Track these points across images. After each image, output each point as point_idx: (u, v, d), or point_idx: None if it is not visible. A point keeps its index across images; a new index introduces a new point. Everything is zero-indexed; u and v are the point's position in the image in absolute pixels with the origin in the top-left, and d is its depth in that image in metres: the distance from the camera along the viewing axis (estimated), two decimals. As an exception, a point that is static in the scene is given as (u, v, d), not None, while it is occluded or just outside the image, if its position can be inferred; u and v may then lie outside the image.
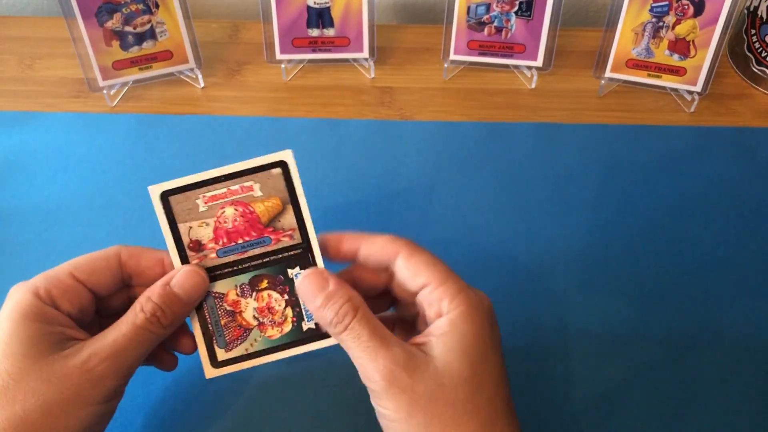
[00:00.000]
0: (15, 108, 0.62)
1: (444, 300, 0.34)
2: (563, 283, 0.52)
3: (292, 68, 0.66)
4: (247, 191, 0.36)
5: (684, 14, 0.60)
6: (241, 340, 0.37)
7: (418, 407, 0.32)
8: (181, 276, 0.36)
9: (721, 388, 0.47)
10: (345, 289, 0.35)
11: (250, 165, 0.36)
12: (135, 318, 0.34)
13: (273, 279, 0.37)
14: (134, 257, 0.37)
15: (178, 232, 0.36)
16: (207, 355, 0.37)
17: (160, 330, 0.35)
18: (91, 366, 0.32)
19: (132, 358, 0.34)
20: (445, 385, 0.32)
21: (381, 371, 0.32)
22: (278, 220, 0.37)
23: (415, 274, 0.36)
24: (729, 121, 0.63)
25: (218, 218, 0.36)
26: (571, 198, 0.57)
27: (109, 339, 0.33)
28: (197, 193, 0.36)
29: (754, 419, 0.46)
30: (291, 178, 0.36)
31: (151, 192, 0.36)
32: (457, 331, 0.34)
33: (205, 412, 0.45)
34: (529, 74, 0.66)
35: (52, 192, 0.56)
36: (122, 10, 0.59)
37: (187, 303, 0.36)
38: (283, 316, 0.38)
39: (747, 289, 0.52)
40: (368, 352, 0.33)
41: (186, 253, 0.36)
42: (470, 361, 0.33)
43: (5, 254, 0.52)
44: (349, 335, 0.34)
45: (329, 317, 0.34)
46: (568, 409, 0.46)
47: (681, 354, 0.48)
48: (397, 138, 0.61)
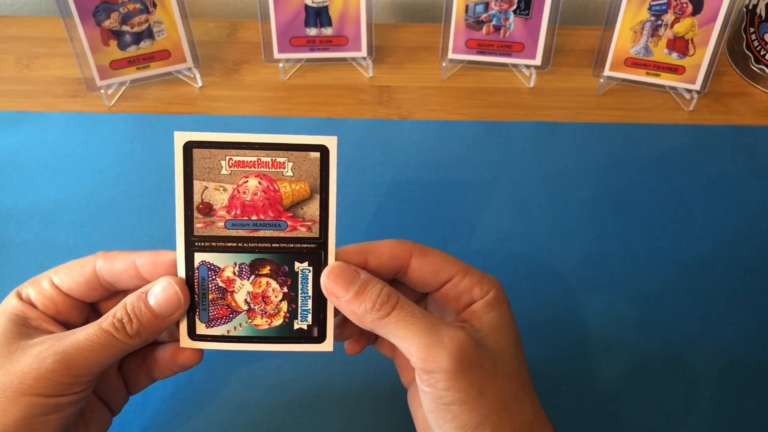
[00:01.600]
0: (12, 108, 0.62)
1: (475, 287, 0.35)
2: (562, 281, 0.52)
3: (290, 67, 0.66)
4: (277, 167, 0.34)
5: (683, 12, 0.60)
6: (225, 320, 0.35)
7: (488, 382, 0.32)
8: (158, 288, 0.34)
9: (721, 388, 0.47)
10: (377, 279, 0.34)
11: (290, 141, 0.33)
12: (103, 320, 0.34)
13: (277, 267, 0.35)
14: (108, 261, 0.36)
15: (192, 188, 0.34)
16: (186, 324, 0.35)
17: (125, 338, 0.33)
18: (42, 357, 0.32)
19: (87, 359, 0.33)
20: (501, 359, 0.33)
21: (448, 347, 0.31)
22: (301, 207, 0.34)
23: (436, 271, 0.36)
24: (728, 119, 0.63)
25: (238, 186, 0.34)
26: (569, 197, 0.57)
27: (71, 335, 0.33)
28: (224, 153, 0.33)
29: (754, 419, 0.45)
30: (328, 166, 0.34)
31: (176, 138, 0.33)
32: (495, 311, 0.35)
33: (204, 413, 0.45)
34: (528, 73, 0.66)
35: (49, 192, 0.56)
36: (119, 10, 0.59)
37: (158, 316, 0.34)
38: (277, 308, 0.35)
39: (747, 288, 0.52)
40: (427, 329, 0.32)
41: (192, 212, 0.34)
42: (512, 338, 0.35)
43: (3, 254, 0.52)
44: (401, 314, 0.32)
45: (368, 305, 0.33)
46: (568, 408, 0.46)
47: (681, 354, 0.48)
48: (396, 137, 0.61)
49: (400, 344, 0.33)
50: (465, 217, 0.55)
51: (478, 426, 0.31)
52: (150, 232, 0.54)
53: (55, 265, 0.51)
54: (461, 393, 0.31)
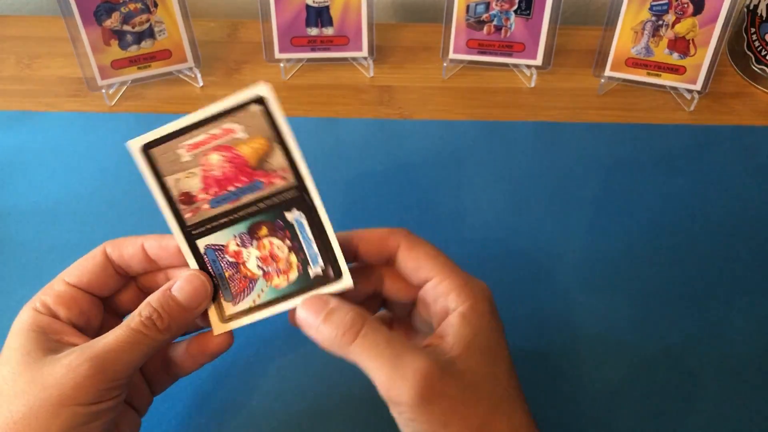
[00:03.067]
0: (13, 107, 0.62)
1: (450, 294, 0.33)
2: (563, 281, 0.52)
3: (291, 67, 0.66)
4: (229, 133, 0.34)
5: (684, 13, 0.60)
6: (247, 291, 0.36)
7: (454, 412, 0.31)
8: (182, 281, 0.35)
9: (721, 388, 0.47)
10: (348, 304, 0.34)
11: (227, 105, 0.34)
12: (131, 321, 0.33)
13: (272, 225, 0.35)
14: (117, 248, 0.36)
15: (166, 186, 0.34)
16: (215, 311, 0.36)
17: (156, 334, 0.33)
18: (76, 366, 0.31)
19: (121, 361, 0.32)
20: (471, 383, 0.31)
21: (410, 380, 0.30)
22: (267, 161, 0.34)
23: (416, 268, 0.35)
24: (729, 119, 0.63)
25: (204, 166, 0.34)
26: (570, 197, 0.57)
27: (100, 341, 0.33)
28: (178, 142, 0.34)
29: (754, 419, 0.45)
30: (272, 113, 0.34)
31: (130, 147, 0.33)
32: (470, 325, 0.33)
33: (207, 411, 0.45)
34: (529, 73, 0.66)
35: (50, 191, 0.56)
36: (121, 9, 0.59)
37: (187, 308, 0.34)
38: (288, 263, 0.36)
39: (747, 288, 0.52)
40: (390, 360, 0.31)
41: (177, 207, 0.35)
42: (486, 356, 0.32)
43: (4, 254, 0.52)
44: (363, 343, 0.31)
45: (333, 331, 0.32)
46: (568, 408, 0.46)
47: (681, 353, 0.48)
48: (397, 137, 0.61)
49: (367, 373, 0.32)
50: (466, 217, 0.55)
51: None
52: (151, 231, 0.53)
53: (55, 264, 0.51)
54: (425, 424, 0.31)
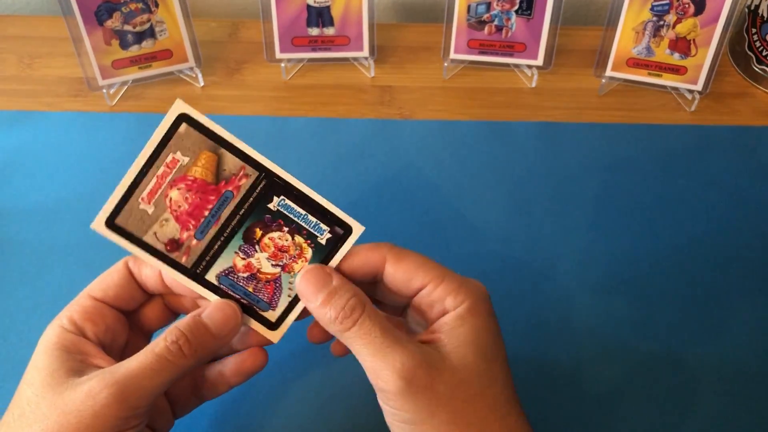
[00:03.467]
0: (14, 107, 0.62)
1: (447, 297, 0.33)
2: (564, 281, 0.52)
3: (292, 67, 0.66)
4: (173, 167, 0.34)
5: (685, 13, 0.60)
6: (278, 291, 0.36)
7: (440, 406, 0.31)
8: (212, 308, 0.34)
9: (721, 389, 0.47)
10: (350, 284, 0.34)
11: (156, 140, 0.34)
12: (155, 346, 0.32)
13: (262, 223, 0.35)
14: (136, 266, 0.36)
15: (149, 245, 0.35)
16: (261, 325, 0.36)
17: (181, 360, 0.32)
18: (96, 392, 0.30)
19: (144, 388, 0.31)
20: (463, 381, 0.32)
21: (399, 370, 0.31)
22: (223, 170, 0.34)
23: (408, 279, 0.34)
24: (730, 120, 0.63)
25: (171, 208, 0.34)
26: (571, 197, 0.57)
27: (122, 366, 0.32)
28: (134, 199, 0.34)
29: (754, 419, 0.45)
30: (201, 124, 0.34)
31: (96, 229, 0.34)
32: (466, 325, 0.33)
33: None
34: (530, 73, 0.66)
35: (51, 191, 0.56)
36: (121, 9, 0.59)
37: (216, 336, 0.34)
38: (297, 246, 0.36)
39: (748, 288, 0.52)
40: (381, 349, 0.31)
41: (170, 258, 0.35)
42: (483, 355, 0.33)
43: (5, 253, 0.52)
44: (359, 332, 0.32)
45: (332, 314, 0.32)
46: (568, 408, 0.46)
47: (681, 354, 0.48)
48: (397, 137, 0.61)
49: (358, 358, 0.32)
50: (466, 218, 0.55)
51: None
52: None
53: (55, 264, 0.51)
54: (410, 414, 0.31)
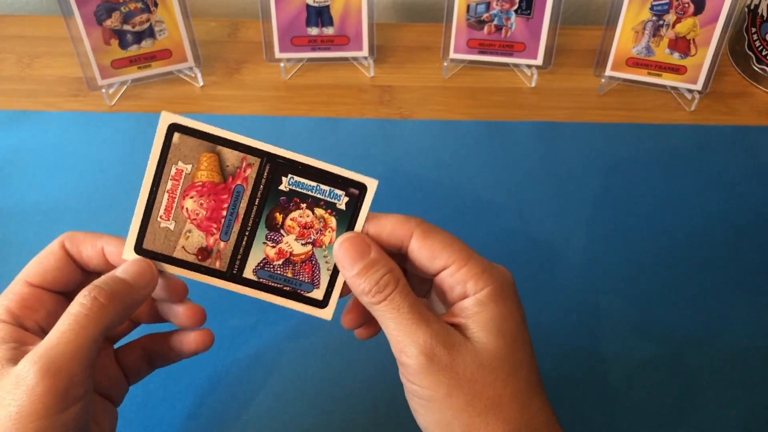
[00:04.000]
0: (14, 107, 0.62)
1: (469, 281, 0.33)
2: (563, 281, 0.51)
3: (292, 67, 0.66)
4: (179, 178, 0.35)
5: (684, 12, 0.60)
6: (316, 268, 0.36)
7: (459, 387, 0.31)
8: (126, 263, 0.34)
9: (721, 388, 0.47)
10: (387, 259, 0.34)
11: (155, 157, 0.34)
12: (71, 307, 0.31)
13: (280, 207, 0.35)
14: (75, 245, 0.35)
15: (181, 260, 0.35)
16: (310, 306, 0.36)
17: (100, 312, 0.31)
18: (23, 375, 0.29)
19: (70, 355, 0.29)
20: (484, 365, 0.32)
21: (421, 346, 0.31)
22: (226, 166, 0.35)
23: (432, 257, 0.34)
24: (729, 119, 0.63)
25: (190, 218, 0.35)
26: (571, 196, 0.57)
27: (44, 340, 0.30)
28: (153, 220, 0.35)
29: (754, 419, 0.45)
30: (192, 128, 0.34)
31: (127, 258, 0.34)
32: (487, 311, 0.33)
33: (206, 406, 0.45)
34: (529, 73, 0.66)
35: (50, 191, 0.56)
36: (121, 9, 0.59)
37: (133, 285, 0.33)
38: (320, 219, 0.36)
39: (747, 288, 0.52)
40: (407, 325, 0.32)
41: (205, 267, 0.35)
42: (505, 341, 0.33)
43: (4, 253, 0.52)
44: (388, 306, 0.32)
45: (366, 287, 0.33)
46: (568, 408, 0.46)
47: (681, 353, 0.48)
48: (397, 137, 0.61)
49: (384, 331, 0.33)
50: (466, 217, 0.55)
51: (450, 424, 0.31)
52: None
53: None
54: (429, 390, 0.31)
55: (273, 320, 0.49)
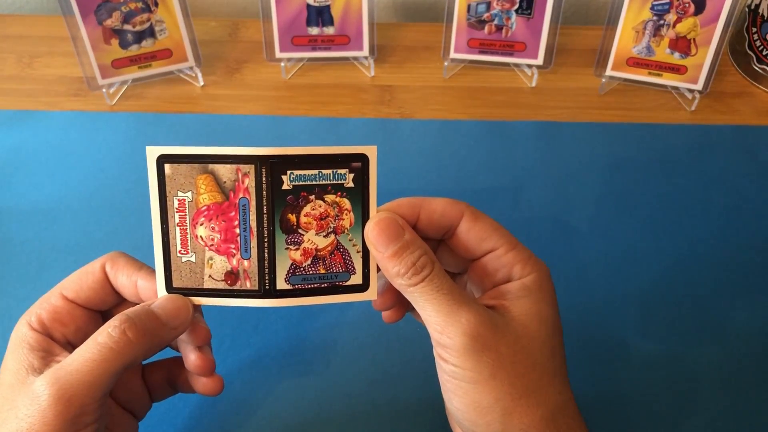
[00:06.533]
0: (14, 107, 0.62)
1: (516, 265, 0.34)
2: (563, 281, 0.51)
3: (292, 66, 0.66)
4: (183, 209, 0.34)
5: (685, 12, 0.60)
6: (345, 255, 0.35)
7: (502, 368, 0.31)
8: (163, 299, 0.34)
9: (722, 389, 0.47)
10: (420, 241, 0.33)
11: (155, 194, 0.34)
12: (98, 334, 0.31)
13: (289, 207, 0.35)
14: (114, 270, 0.35)
15: (212, 289, 0.35)
16: (352, 294, 0.35)
17: (127, 347, 0.31)
18: (38, 394, 0.29)
19: (87, 385, 0.30)
20: (526, 348, 0.32)
21: (464, 326, 0.31)
22: (224, 183, 0.34)
23: (481, 238, 0.34)
24: (730, 119, 0.63)
25: (206, 244, 0.35)
26: (571, 196, 0.57)
27: (66, 361, 0.30)
28: (174, 258, 0.34)
29: (754, 419, 0.45)
30: (177, 155, 0.34)
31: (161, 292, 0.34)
32: (532, 296, 0.33)
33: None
34: (530, 72, 0.66)
35: (51, 191, 0.56)
36: (121, 9, 0.59)
37: (166, 324, 0.33)
38: (333, 204, 0.35)
39: (748, 288, 0.51)
40: (448, 306, 0.31)
41: (237, 291, 0.35)
42: (546, 327, 0.33)
43: (5, 253, 0.52)
44: (428, 287, 0.32)
45: (402, 269, 0.32)
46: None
47: (681, 354, 0.48)
48: (397, 136, 0.61)
49: (421, 313, 0.32)
50: (466, 217, 0.55)
51: (489, 408, 0.31)
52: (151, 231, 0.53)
53: (55, 264, 0.51)
54: (472, 372, 0.31)
55: (274, 320, 0.49)
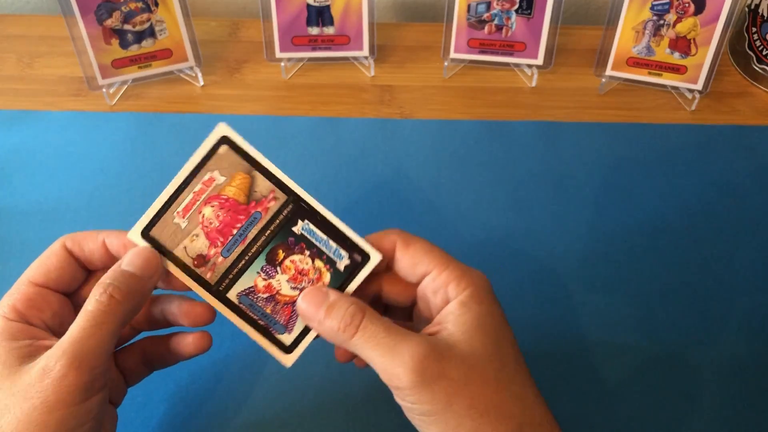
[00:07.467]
0: (14, 107, 0.62)
1: (450, 284, 0.34)
2: (564, 281, 0.51)
3: (292, 66, 0.66)
4: (209, 185, 0.35)
5: (685, 12, 0.60)
6: (295, 315, 0.36)
7: (457, 393, 0.31)
8: (129, 255, 0.34)
9: (721, 388, 0.47)
10: (347, 297, 0.34)
11: (197, 159, 0.35)
12: (87, 304, 0.32)
13: (285, 245, 0.36)
14: (77, 244, 0.36)
15: (178, 258, 0.36)
16: (275, 347, 0.37)
17: (117, 307, 0.32)
18: (49, 368, 0.30)
19: (92, 348, 0.31)
20: (475, 365, 0.32)
21: (408, 364, 0.31)
22: (254, 191, 0.36)
23: (414, 263, 0.35)
24: (729, 119, 0.63)
25: (202, 224, 0.36)
26: (571, 196, 0.57)
27: (66, 336, 0.31)
28: (171, 213, 0.35)
29: (754, 419, 0.45)
30: (240, 147, 0.35)
31: (132, 238, 0.35)
32: (470, 311, 0.33)
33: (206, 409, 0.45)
34: (530, 72, 0.66)
35: (51, 191, 0.56)
36: (121, 9, 0.59)
37: (141, 277, 0.34)
38: (317, 270, 0.36)
39: (747, 287, 0.52)
40: (388, 348, 0.32)
41: (196, 273, 0.36)
42: (490, 339, 0.33)
43: (5, 253, 0.52)
44: (363, 335, 0.32)
45: (335, 324, 0.33)
46: (568, 407, 0.46)
47: (681, 353, 0.48)
48: (397, 136, 0.61)
49: (369, 362, 0.33)
50: (466, 217, 0.55)
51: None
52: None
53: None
54: (429, 404, 0.31)
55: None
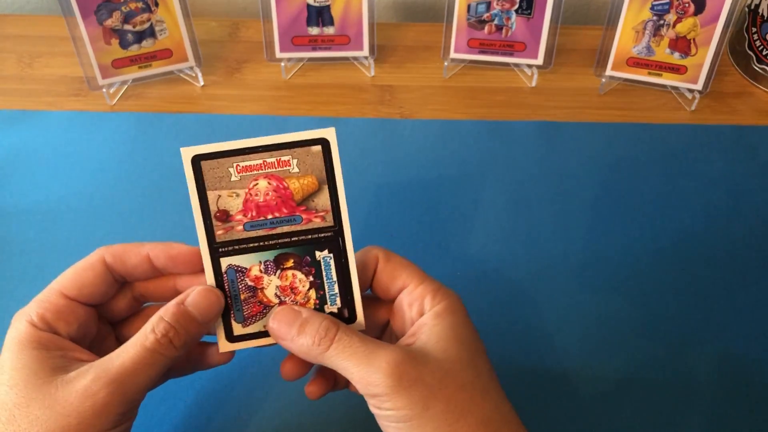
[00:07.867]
0: (14, 107, 0.62)
1: (426, 297, 0.35)
2: (563, 281, 0.52)
3: (292, 66, 0.66)
4: (283, 165, 0.35)
5: (685, 12, 0.60)
6: (259, 316, 0.36)
7: (433, 397, 0.32)
8: (197, 295, 0.34)
9: (721, 389, 0.47)
10: (319, 314, 0.35)
11: (291, 138, 0.35)
12: (145, 339, 0.32)
13: (300, 259, 0.36)
14: (118, 257, 0.36)
15: (207, 199, 0.35)
16: (222, 330, 0.36)
17: (171, 352, 0.33)
18: (94, 391, 0.31)
19: (140, 383, 0.32)
20: (450, 371, 0.33)
21: (385, 370, 0.31)
22: (312, 200, 0.36)
23: (393, 277, 0.36)
24: (729, 119, 0.63)
25: (250, 190, 0.35)
26: (571, 196, 0.57)
27: (115, 362, 0.32)
28: (231, 161, 0.35)
29: (754, 418, 0.45)
30: (331, 157, 0.35)
31: (183, 154, 0.34)
32: (445, 321, 0.34)
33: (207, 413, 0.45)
34: (530, 72, 0.66)
35: (51, 191, 0.56)
36: (121, 9, 0.59)
37: (202, 323, 0.34)
38: (306, 297, 0.36)
39: (747, 288, 0.52)
40: (365, 356, 0.32)
41: (212, 221, 0.35)
42: (465, 347, 0.34)
43: (5, 253, 0.52)
44: (338, 347, 0.33)
45: (309, 340, 0.33)
46: (568, 409, 0.46)
47: (681, 354, 0.48)
48: (397, 136, 0.61)
49: (345, 374, 0.33)
50: (466, 217, 0.55)
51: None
52: (152, 230, 0.54)
53: (55, 264, 0.51)
54: (406, 410, 0.32)
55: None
